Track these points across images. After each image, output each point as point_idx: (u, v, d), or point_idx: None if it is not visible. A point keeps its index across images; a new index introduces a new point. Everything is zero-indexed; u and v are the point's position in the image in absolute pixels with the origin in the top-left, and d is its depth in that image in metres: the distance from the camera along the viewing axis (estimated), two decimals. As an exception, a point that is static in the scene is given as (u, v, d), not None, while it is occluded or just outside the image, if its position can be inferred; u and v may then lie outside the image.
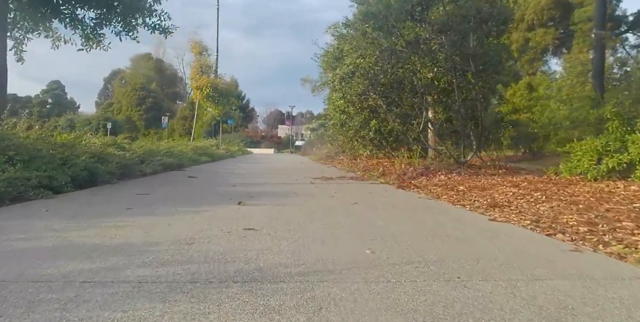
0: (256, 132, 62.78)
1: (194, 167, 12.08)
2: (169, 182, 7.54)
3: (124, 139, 9.89)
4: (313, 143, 28.34)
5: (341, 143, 16.99)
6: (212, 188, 6.72)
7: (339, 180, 8.95)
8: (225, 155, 20.31)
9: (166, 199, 5.21)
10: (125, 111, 66.67)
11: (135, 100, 65.10)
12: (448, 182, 7.83)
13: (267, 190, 6.60)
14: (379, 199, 5.71)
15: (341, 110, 15.22)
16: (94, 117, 56.66)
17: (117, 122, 58.28)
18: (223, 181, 8.17)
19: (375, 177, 9.56)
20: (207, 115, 28.57)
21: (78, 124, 55.94)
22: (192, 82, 21.33)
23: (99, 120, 55.63)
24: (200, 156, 15.06)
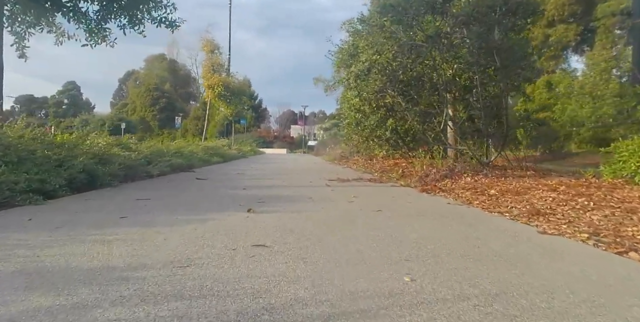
0: (269, 132, 62.44)
1: (204, 168, 11.60)
2: (175, 185, 7.03)
3: (130, 139, 9.41)
4: (326, 143, 27.76)
5: (356, 143, 16.39)
6: (220, 191, 6.19)
7: (356, 182, 8.37)
8: (237, 155, 19.84)
9: (168, 205, 4.69)
10: (139, 111, 66.84)
11: (149, 101, 65.22)
12: (476, 185, 7.19)
13: (279, 193, 6.04)
14: (404, 205, 5.12)
15: (356, 109, 14.62)
16: (108, 118, 56.88)
17: (131, 122, 58.48)
18: (233, 183, 7.64)
19: (394, 179, 8.97)
20: (219, 115, 28.15)
21: (92, 124, 56.16)
22: (204, 81, 20.93)
23: (113, 120, 55.87)
24: (211, 157, 14.58)
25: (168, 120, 65.11)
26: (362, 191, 6.67)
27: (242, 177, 9.18)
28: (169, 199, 5.22)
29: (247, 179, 8.57)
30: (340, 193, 6.31)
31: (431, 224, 3.85)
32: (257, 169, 12.11)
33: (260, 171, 11.57)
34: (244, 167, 12.86)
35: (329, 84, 56.05)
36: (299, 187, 7.07)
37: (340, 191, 6.67)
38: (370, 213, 4.40)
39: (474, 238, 3.28)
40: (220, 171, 11.11)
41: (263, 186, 7.23)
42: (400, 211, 4.59)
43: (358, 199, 5.55)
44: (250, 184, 7.50)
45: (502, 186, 7.01)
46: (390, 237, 3.21)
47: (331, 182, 8.21)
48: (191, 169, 10.95)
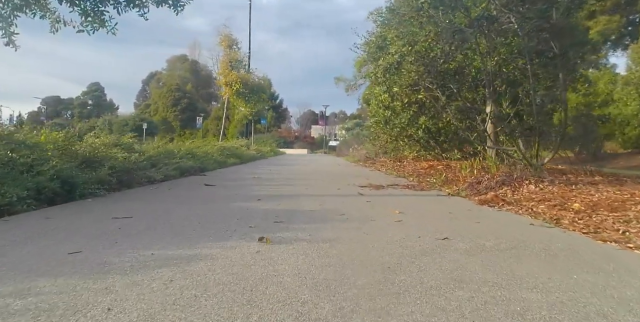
0: (289, 132, 61.31)
1: (217, 172, 10.34)
2: (175, 194, 5.74)
3: (132, 138, 8.20)
4: (349, 143, 26.33)
5: (383, 143, 14.95)
6: (228, 204, 4.87)
7: (393, 189, 6.97)
8: (256, 156, 18.60)
9: (150, 228, 3.38)
10: (162, 112, 66.55)
11: (171, 101, 64.85)
12: (546, 195, 5.71)
13: (302, 207, 4.69)
14: (472, 227, 3.70)
15: (385, 105, 13.20)
16: (130, 118, 56.59)
17: (153, 122, 58.09)
18: (246, 191, 6.32)
19: (436, 185, 7.53)
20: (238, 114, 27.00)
21: (115, 125, 56.01)
22: (221, 77, 19.74)
23: (135, 121, 55.53)
24: (228, 158, 13.35)
25: (189, 120, 64.66)
26: (406, 203, 5.26)
27: (258, 182, 7.87)
28: (157, 217, 3.91)
29: (264, 186, 7.25)
30: (379, 206, 4.92)
31: (546, 273, 2.41)
32: (276, 172, 10.80)
33: (280, 174, 10.25)
34: (262, 170, 11.56)
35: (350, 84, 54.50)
36: (325, 197, 5.70)
37: (379, 202, 5.28)
38: (435, 243, 3.01)
39: (615, 301, 1.85)
40: (235, 174, 9.83)
41: (282, 195, 5.88)
42: (475, 240, 3.17)
43: (406, 217, 4.15)
44: (266, 192, 6.17)
45: (582, 197, 5.52)
46: (492, 302, 1.81)
47: (363, 189, 6.84)
48: (203, 172, 9.71)
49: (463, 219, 4.12)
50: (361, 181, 8.49)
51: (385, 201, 5.48)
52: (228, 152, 13.95)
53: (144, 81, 79.49)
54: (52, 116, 76.92)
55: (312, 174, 10.61)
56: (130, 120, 55.22)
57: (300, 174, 10.52)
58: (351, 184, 7.64)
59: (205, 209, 4.35)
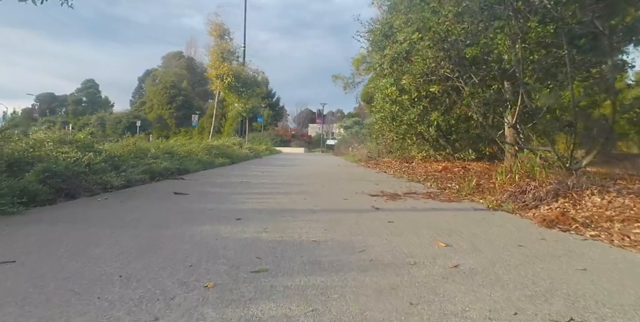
0: (286, 130, 59.66)
1: (200, 174, 8.78)
2: (123, 210, 4.17)
3: (89, 135, 6.62)
4: (348, 142, 24.78)
5: (389, 142, 13.41)
6: (189, 228, 3.32)
7: (413, 200, 5.44)
8: (249, 155, 17.03)
9: (16, 298, 1.83)
10: (157, 110, 64.81)
11: (166, 99, 63.13)
12: (626, 211, 4.20)
13: (299, 236, 3.15)
14: (583, 281, 2.17)
15: (392, 99, 11.66)
16: (123, 115, 54.87)
17: (147, 120, 56.43)
18: (226, 203, 4.77)
19: (464, 194, 6.01)
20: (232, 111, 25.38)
21: (108, 122, 54.32)
22: (211, 70, 18.11)
23: (128, 118, 53.83)
24: (216, 158, 11.78)
25: (185, 118, 62.92)
26: (442, 224, 3.73)
27: (245, 189, 6.33)
28: (56, 262, 2.35)
29: (251, 194, 5.71)
30: (409, 231, 3.38)
31: None
32: (269, 175, 9.24)
33: (273, 177, 8.70)
34: (253, 172, 10.00)
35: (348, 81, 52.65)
36: (331, 214, 4.17)
37: (405, 223, 3.74)
38: None
39: None
40: (220, 177, 8.27)
41: (272, 210, 4.34)
42: (601, 311, 1.65)
43: (459, 255, 2.62)
44: (252, 205, 4.63)
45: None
46: None
47: (377, 199, 5.31)
48: (182, 175, 8.16)
49: (549, 260, 2.58)
50: (369, 186, 6.96)
51: (412, 220, 3.94)
52: (217, 151, 12.38)
53: (140, 78, 77.72)
54: (46, 113, 75.18)
55: (310, 177, 9.07)
56: (123, 117, 53.51)
57: (297, 177, 8.97)
58: (359, 192, 6.11)
59: (145, 243, 2.79)
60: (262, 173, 9.69)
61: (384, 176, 9.62)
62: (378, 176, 9.57)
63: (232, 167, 11.28)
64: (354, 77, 59.14)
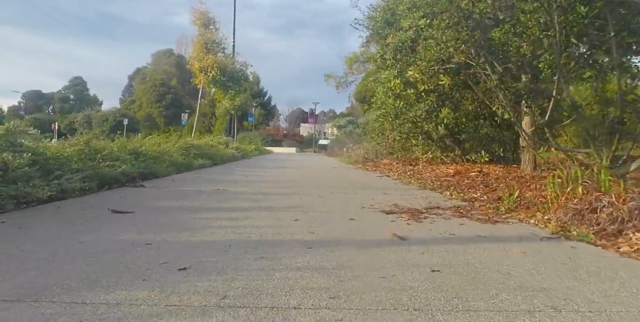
0: (278, 130, 58.05)
1: (169, 179, 7.23)
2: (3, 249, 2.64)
3: (13, 129, 5.02)
4: (342, 142, 23.29)
5: (390, 141, 11.92)
6: (87, 296, 1.82)
7: (443, 220, 3.95)
8: (236, 156, 15.44)
9: None
10: (146, 108, 62.87)
11: (155, 97, 61.26)
12: None
13: (284, 312, 1.66)
14: None
15: (395, 94, 10.18)
16: (110, 114, 52.84)
17: (135, 118, 54.48)
18: (176, 231, 3.23)
19: (503, 210, 4.54)
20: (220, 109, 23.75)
21: (95, 120, 52.27)
22: (194, 62, 16.43)
23: (115, 116, 51.82)
24: (195, 159, 10.22)
25: (175, 117, 60.96)
26: (519, 275, 2.23)
27: (216, 204, 4.79)
28: None
29: (222, 212, 4.19)
30: (475, 296, 1.88)
31: None
32: (254, 180, 7.72)
33: (258, 184, 7.17)
34: (235, 176, 8.46)
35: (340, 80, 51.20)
36: (336, 251, 2.66)
37: (458, 274, 2.24)
38: None
39: None
40: (191, 184, 6.72)
41: (246, 244, 2.81)
42: None
43: None
44: (216, 235, 3.10)
45: None
46: None
47: (394, 219, 3.82)
48: (147, 179, 6.62)
49: None
50: (377, 196, 5.48)
51: (466, 265, 2.44)
52: (196, 151, 10.81)
53: (130, 77, 75.57)
54: (33, 111, 72.69)
55: (303, 183, 7.56)
56: (110, 115, 51.47)
57: (287, 183, 7.45)
58: (367, 206, 4.62)
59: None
60: (246, 177, 8.16)
61: (388, 182, 8.14)
62: (382, 182, 8.08)
63: (212, 170, 9.71)
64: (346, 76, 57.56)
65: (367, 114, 36.01)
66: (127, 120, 48.79)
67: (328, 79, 56.27)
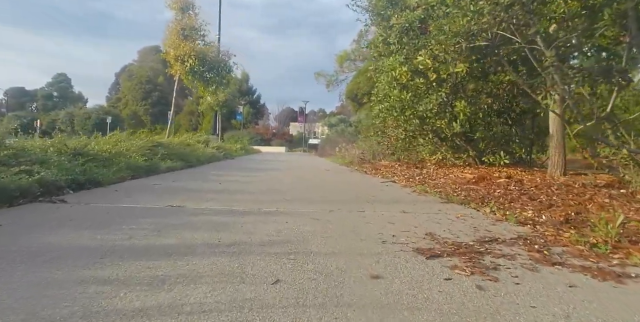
0: (267, 129, 56.11)
1: (111, 189, 5.42)
2: None
3: None
4: (334, 141, 21.58)
5: (393, 140, 10.20)
6: None
7: (527, 271, 2.25)
8: (217, 156, 13.60)
9: None
10: (131, 106, 60.51)
11: (141, 94, 58.97)
12: None
13: None
14: None
15: (401, 84, 8.51)
16: (93, 111, 50.46)
17: (119, 116, 52.17)
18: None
19: (601, 246, 2.87)
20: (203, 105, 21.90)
21: (77, 118, 49.86)
22: (169, 50, 14.47)
23: (98, 114, 49.48)
24: (162, 160, 8.44)
25: (161, 115, 58.63)
26: None
27: (150, 237, 3.06)
28: None
29: (143, 267, 2.47)
30: None
31: None
32: (228, 190, 5.96)
33: (233, 194, 5.42)
34: (206, 184, 6.68)
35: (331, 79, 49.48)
36: None
37: None
38: None
39: None
40: (136, 197, 4.93)
41: None
42: None
43: None
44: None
45: None
46: None
47: (445, 269, 2.12)
48: (86, 188, 4.86)
49: None
50: (394, 215, 3.81)
51: None
52: (166, 150, 9.00)
53: (116, 74, 73.01)
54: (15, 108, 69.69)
55: (291, 192, 5.84)
56: (93, 113, 49.08)
57: (270, 193, 5.71)
58: (390, 240, 2.92)
59: None
60: (219, 184, 6.39)
61: (398, 190, 6.45)
62: (391, 191, 6.38)
63: (180, 174, 7.91)
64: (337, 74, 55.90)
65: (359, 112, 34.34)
66: (111, 118, 46.54)
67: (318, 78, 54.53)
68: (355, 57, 52.84)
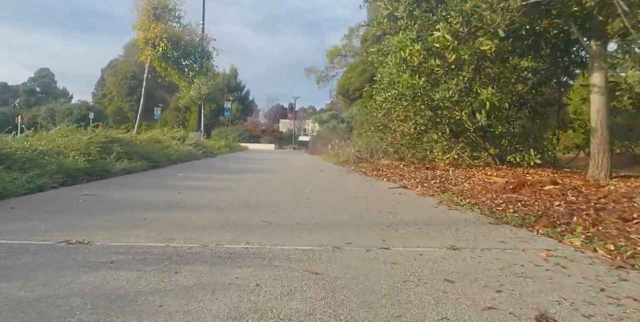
0: (256, 126, 54.18)
1: (21, 200, 3.74)
2: None
3: None
4: (326, 138, 19.92)
5: (398, 137, 8.51)
6: None
7: None
8: (195, 154, 11.82)
9: None
10: (117, 102, 58.11)
11: (126, 90, 56.56)
12: None
13: None
14: None
15: (413, 67, 6.88)
16: (75, 107, 48.15)
17: (101, 112, 49.97)
18: None
19: None
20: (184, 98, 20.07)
21: (58, 113, 47.51)
22: (139, 32, 12.63)
23: (80, 110, 47.23)
24: (119, 160, 6.72)
25: (147, 111, 56.35)
26: None
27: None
28: None
29: None
30: None
31: None
32: (183, 206, 4.25)
33: (186, 215, 3.75)
34: (158, 195, 4.91)
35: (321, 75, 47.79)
36: None
37: None
38: None
39: None
40: (35, 221, 3.25)
41: None
42: None
43: None
44: None
45: None
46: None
47: None
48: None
49: None
50: (436, 250, 2.17)
51: None
52: (124, 148, 7.26)
53: (102, 70, 70.40)
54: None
55: (274, 207, 4.18)
56: (75, 109, 46.76)
57: (246, 208, 4.03)
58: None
59: None
60: (178, 194, 4.69)
61: (419, 201, 4.83)
62: (411, 203, 4.76)
63: (134, 179, 6.15)
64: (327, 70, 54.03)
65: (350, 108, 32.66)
66: (94, 114, 44.34)
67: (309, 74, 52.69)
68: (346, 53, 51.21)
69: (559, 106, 8.65)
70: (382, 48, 7.73)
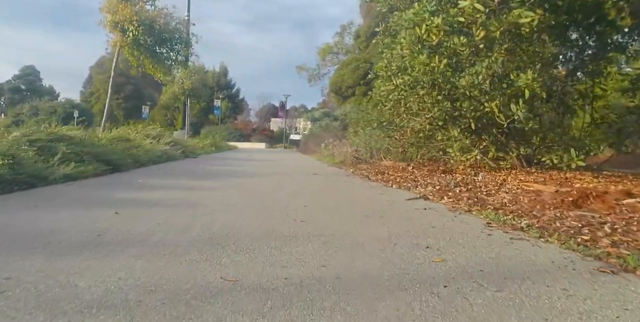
0: (246, 125, 52.53)
1: None
2: None
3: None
4: (319, 136, 18.48)
5: (408, 134, 7.05)
6: None
7: None
8: (172, 155, 10.28)
9: None
10: (104, 100, 56.02)
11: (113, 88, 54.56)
12: None
13: None
14: None
15: (432, 46, 5.48)
16: (59, 105, 46.12)
17: (88, 110, 48.05)
18: None
19: None
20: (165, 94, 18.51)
21: (42, 111, 45.42)
22: (106, 15, 11.06)
23: (65, 108, 45.23)
24: (65, 163, 5.23)
25: (135, 109, 54.43)
26: None
27: None
28: None
29: None
30: None
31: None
32: (116, 241, 2.85)
33: (102, 274, 2.31)
34: (86, 221, 3.49)
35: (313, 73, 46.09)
36: None
37: None
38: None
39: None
40: None
41: None
42: None
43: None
44: None
45: None
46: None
47: None
48: None
49: None
50: None
51: None
52: (71, 148, 5.76)
53: (90, 68, 68.15)
54: (-19, 103, 64.23)
55: (254, 241, 2.76)
56: (58, 107, 44.72)
57: (212, 244, 2.64)
58: None
59: None
60: (114, 215, 3.25)
61: (460, 226, 3.44)
62: (448, 224, 3.36)
63: (70, 189, 4.63)
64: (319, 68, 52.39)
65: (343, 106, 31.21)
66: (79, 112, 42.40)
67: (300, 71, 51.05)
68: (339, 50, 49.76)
69: (592, 97, 7.33)
70: (390, 26, 6.31)
